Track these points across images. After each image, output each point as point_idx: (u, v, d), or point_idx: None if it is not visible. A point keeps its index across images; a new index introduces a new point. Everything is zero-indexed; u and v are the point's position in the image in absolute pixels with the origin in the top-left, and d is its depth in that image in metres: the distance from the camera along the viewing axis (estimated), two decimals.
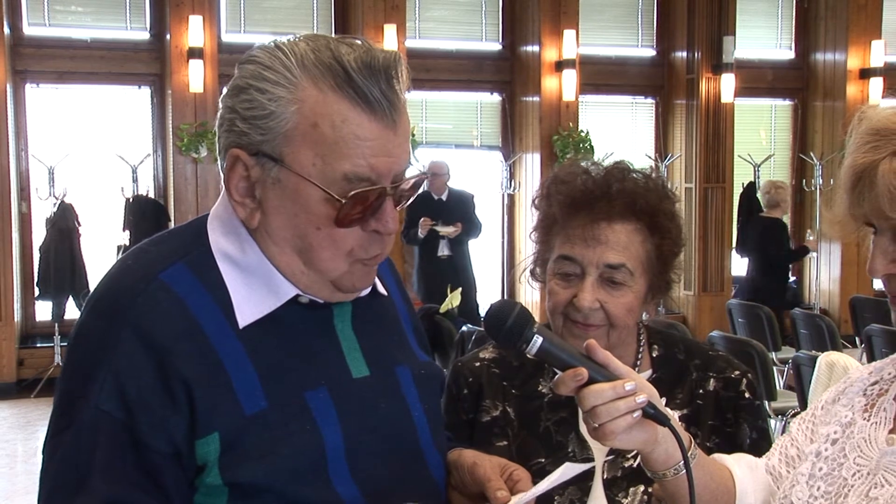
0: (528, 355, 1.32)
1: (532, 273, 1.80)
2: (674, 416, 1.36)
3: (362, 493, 1.30)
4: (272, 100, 1.25)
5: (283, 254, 1.30)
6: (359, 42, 1.28)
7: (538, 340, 1.30)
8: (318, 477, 1.28)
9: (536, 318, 1.34)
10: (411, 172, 1.32)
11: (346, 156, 1.24)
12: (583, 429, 1.70)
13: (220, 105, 1.31)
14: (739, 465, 1.47)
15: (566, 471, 1.34)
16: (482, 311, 8.89)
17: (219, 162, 1.33)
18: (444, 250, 8.52)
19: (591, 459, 1.68)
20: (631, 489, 1.67)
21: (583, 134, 9.33)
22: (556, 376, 1.31)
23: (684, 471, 1.32)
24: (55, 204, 8.12)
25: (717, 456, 1.49)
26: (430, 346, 1.62)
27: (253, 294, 1.30)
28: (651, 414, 1.29)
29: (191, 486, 1.26)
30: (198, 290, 1.29)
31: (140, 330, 1.24)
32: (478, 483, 1.38)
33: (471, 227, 8.60)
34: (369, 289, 1.41)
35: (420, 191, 1.37)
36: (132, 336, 1.24)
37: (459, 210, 8.54)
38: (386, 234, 1.31)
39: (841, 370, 4.35)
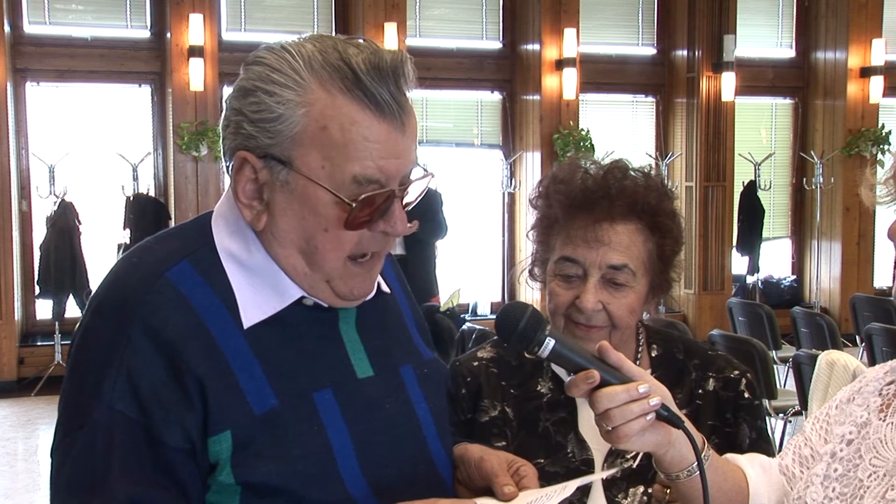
0: (540, 358, 1.31)
1: (531, 273, 1.79)
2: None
3: (373, 493, 1.30)
4: (280, 103, 1.24)
5: (289, 256, 1.30)
6: (365, 42, 1.27)
7: (550, 343, 1.29)
8: (330, 478, 1.27)
9: None
10: (417, 173, 1.32)
11: (354, 158, 1.24)
12: (581, 429, 1.70)
13: (225, 106, 1.30)
14: (753, 465, 1.47)
15: (581, 482, 1.35)
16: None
17: (223, 163, 1.32)
18: (396, 248, 8.29)
19: (590, 460, 1.68)
20: (630, 490, 1.66)
21: (583, 132, 9.33)
22: (569, 379, 1.31)
23: (698, 472, 1.31)
24: (56, 202, 8.11)
25: (729, 456, 1.48)
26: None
27: (258, 294, 1.30)
28: (665, 416, 1.29)
29: (204, 484, 1.26)
30: (203, 289, 1.28)
31: (150, 328, 1.24)
32: (485, 478, 1.38)
33: (433, 226, 8.36)
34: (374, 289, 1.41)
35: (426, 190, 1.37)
36: (142, 334, 1.23)
37: (421, 208, 8.38)
38: (394, 236, 1.32)
39: (841, 369, 4.35)
